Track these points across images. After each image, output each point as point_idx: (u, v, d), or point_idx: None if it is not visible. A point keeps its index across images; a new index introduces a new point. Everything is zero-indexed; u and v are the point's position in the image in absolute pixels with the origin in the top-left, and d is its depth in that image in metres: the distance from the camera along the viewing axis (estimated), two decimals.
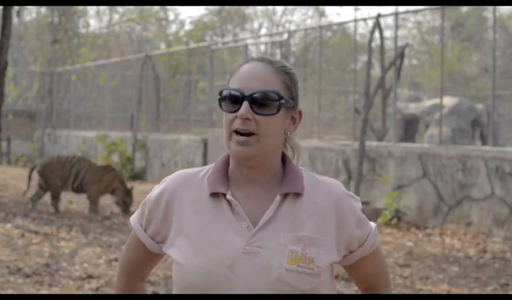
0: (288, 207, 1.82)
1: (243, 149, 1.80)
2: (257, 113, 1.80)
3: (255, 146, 1.80)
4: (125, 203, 10.85)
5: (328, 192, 1.85)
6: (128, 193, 10.89)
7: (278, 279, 1.76)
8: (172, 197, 1.88)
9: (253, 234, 1.79)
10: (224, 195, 1.83)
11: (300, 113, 1.89)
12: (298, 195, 1.83)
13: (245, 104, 1.79)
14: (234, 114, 1.81)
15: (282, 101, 1.82)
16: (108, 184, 10.89)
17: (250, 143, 1.79)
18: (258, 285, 1.76)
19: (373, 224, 1.94)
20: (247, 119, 1.79)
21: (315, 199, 1.84)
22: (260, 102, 1.80)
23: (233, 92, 1.81)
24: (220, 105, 1.85)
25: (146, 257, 1.98)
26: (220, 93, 1.84)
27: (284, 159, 1.89)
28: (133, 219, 1.97)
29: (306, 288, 1.77)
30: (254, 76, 1.82)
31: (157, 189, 1.92)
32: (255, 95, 1.80)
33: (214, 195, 1.85)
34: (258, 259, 1.77)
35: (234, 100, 1.81)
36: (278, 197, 1.81)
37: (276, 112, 1.81)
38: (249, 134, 1.80)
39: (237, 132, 1.81)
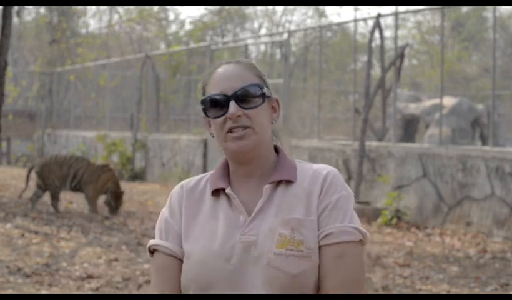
0: (280, 194, 1.86)
1: (242, 143, 1.84)
2: (245, 108, 1.85)
3: (252, 137, 1.84)
4: (110, 205, 10.79)
5: (318, 174, 1.87)
6: (117, 196, 10.75)
7: (268, 263, 1.78)
8: (179, 206, 1.93)
9: (247, 224, 1.83)
10: (224, 190, 1.88)
11: (278, 101, 1.94)
12: (290, 182, 1.86)
13: (232, 103, 1.84)
14: (223, 117, 1.85)
15: (264, 90, 1.88)
16: (104, 183, 10.85)
17: (247, 135, 1.84)
18: (253, 273, 1.79)
19: (355, 222, 1.81)
20: (239, 116, 1.83)
21: (305, 184, 1.86)
22: (245, 98, 1.85)
23: (216, 97, 1.86)
24: (206, 114, 1.89)
25: (179, 271, 1.88)
26: (203, 102, 1.88)
27: (278, 152, 1.95)
28: (152, 242, 1.93)
29: (296, 272, 1.77)
30: (231, 77, 1.87)
31: (166, 204, 1.96)
32: (239, 92, 1.85)
33: (215, 193, 1.90)
34: (252, 247, 1.81)
35: (219, 105, 1.86)
36: (267, 186, 1.85)
37: (262, 102, 1.87)
38: (244, 127, 1.84)
39: (231, 131, 1.84)
